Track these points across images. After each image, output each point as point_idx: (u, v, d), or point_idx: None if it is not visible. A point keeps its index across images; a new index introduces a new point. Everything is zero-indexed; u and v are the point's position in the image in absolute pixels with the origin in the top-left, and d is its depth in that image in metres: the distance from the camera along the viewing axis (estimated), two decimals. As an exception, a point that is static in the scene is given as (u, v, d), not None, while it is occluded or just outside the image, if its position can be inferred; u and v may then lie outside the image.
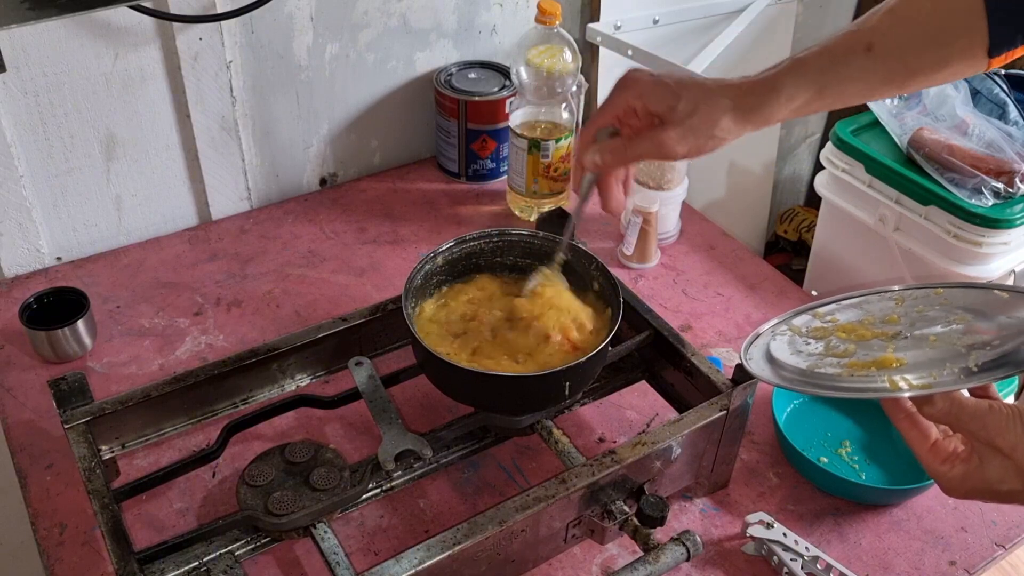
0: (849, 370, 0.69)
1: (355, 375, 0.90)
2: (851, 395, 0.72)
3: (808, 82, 0.76)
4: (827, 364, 0.71)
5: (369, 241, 1.25)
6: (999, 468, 0.62)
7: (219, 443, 0.86)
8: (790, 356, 0.74)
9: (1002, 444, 0.61)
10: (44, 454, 0.93)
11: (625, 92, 0.79)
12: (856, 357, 0.70)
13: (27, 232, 1.14)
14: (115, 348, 1.06)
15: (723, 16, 1.58)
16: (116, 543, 0.73)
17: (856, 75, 0.76)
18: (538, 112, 1.23)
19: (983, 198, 1.25)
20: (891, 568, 0.87)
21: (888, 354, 0.68)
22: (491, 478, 0.93)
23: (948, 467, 0.64)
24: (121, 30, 1.09)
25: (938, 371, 0.64)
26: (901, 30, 0.75)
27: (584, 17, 1.46)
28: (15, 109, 1.07)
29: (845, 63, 0.75)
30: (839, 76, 0.76)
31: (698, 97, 0.77)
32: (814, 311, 0.79)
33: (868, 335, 0.73)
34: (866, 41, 0.75)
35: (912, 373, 0.65)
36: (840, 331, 0.75)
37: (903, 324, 0.73)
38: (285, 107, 1.26)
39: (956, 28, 0.73)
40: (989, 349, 0.64)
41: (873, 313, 0.76)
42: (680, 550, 0.78)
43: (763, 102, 0.77)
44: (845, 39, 0.76)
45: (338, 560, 0.75)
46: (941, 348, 0.67)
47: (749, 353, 0.76)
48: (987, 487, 0.63)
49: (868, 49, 0.75)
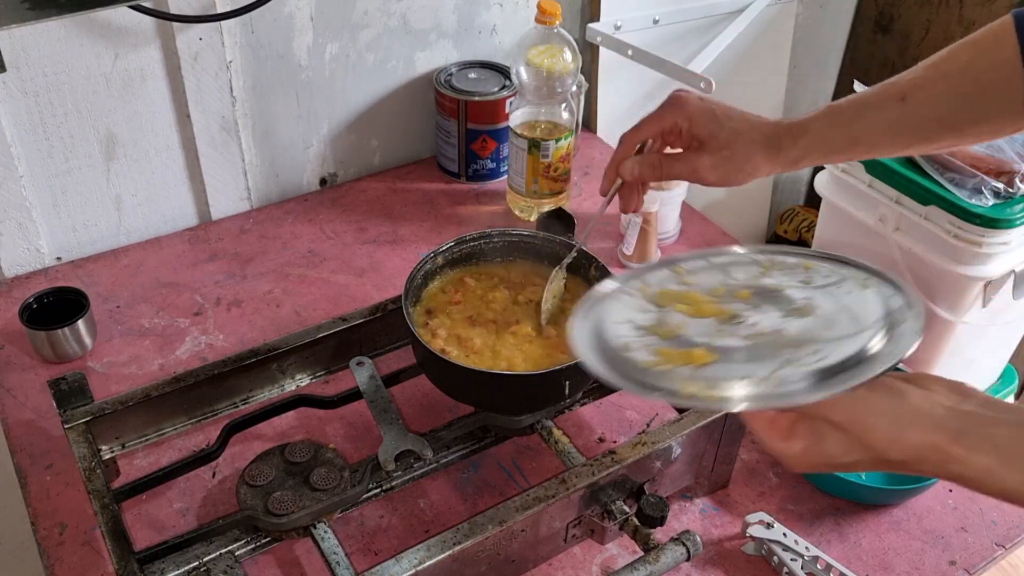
0: (659, 359, 0.63)
1: (356, 375, 0.90)
2: (647, 395, 0.63)
3: (840, 128, 0.76)
4: (642, 345, 0.65)
5: (369, 241, 1.25)
6: (838, 442, 0.60)
7: (219, 443, 0.86)
8: (618, 327, 0.67)
9: (837, 419, 0.59)
10: (44, 454, 0.93)
11: (674, 111, 0.82)
12: (673, 344, 0.64)
13: (27, 232, 1.14)
14: (115, 348, 1.06)
15: (723, 16, 1.58)
16: (116, 543, 0.73)
17: (888, 125, 0.75)
18: (538, 112, 1.23)
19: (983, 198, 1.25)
20: (891, 568, 0.87)
21: (699, 349, 0.62)
22: (491, 478, 0.93)
23: (787, 444, 0.61)
24: (121, 30, 1.09)
25: (745, 373, 0.60)
26: (936, 82, 0.74)
27: (584, 17, 1.46)
28: (15, 109, 1.07)
29: (878, 112, 0.75)
30: (871, 125, 0.75)
31: (739, 129, 0.78)
32: (676, 265, 0.73)
33: (708, 311, 0.68)
34: (901, 92, 0.75)
35: (716, 372, 0.61)
36: (682, 301, 0.69)
37: (749, 304, 0.67)
38: (285, 107, 1.26)
39: (992, 81, 0.72)
40: (814, 354, 0.60)
41: (730, 282, 0.70)
42: (680, 550, 0.78)
43: (795, 144, 0.77)
44: (880, 89, 0.77)
45: (338, 560, 0.75)
46: (760, 347, 0.62)
47: (586, 314, 0.69)
48: (830, 461, 0.61)
49: (902, 99, 0.74)
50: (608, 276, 0.85)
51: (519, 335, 0.88)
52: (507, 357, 0.86)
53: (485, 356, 0.86)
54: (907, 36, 1.84)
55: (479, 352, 0.86)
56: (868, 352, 0.59)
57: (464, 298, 0.92)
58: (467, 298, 0.92)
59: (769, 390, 0.59)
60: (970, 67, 0.73)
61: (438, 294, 0.93)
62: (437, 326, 0.88)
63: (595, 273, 0.92)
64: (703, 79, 1.28)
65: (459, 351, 0.86)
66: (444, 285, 0.94)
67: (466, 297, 0.92)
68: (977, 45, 0.73)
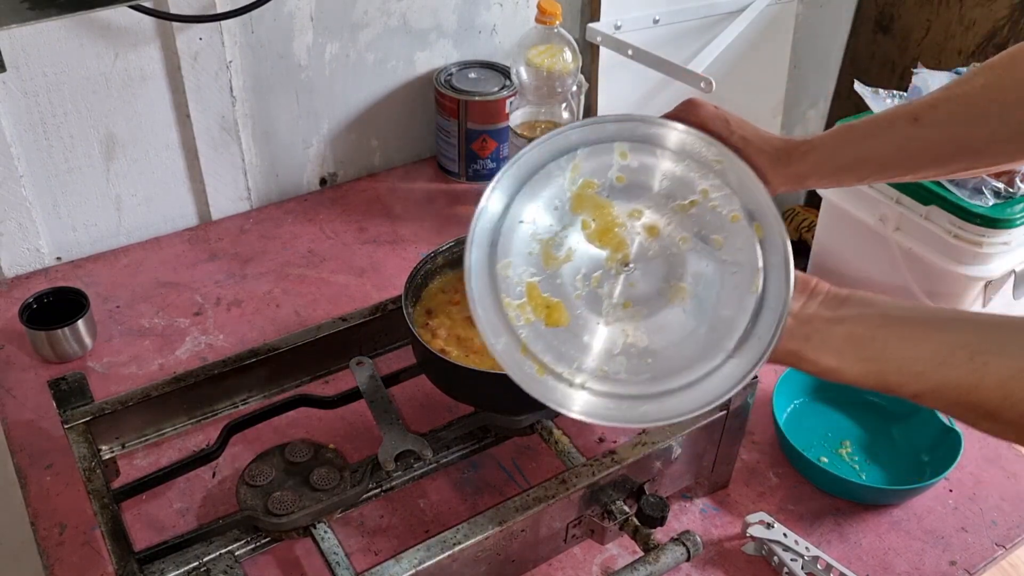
0: (523, 302, 0.71)
1: (356, 375, 0.90)
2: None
3: (850, 146, 0.75)
4: (522, 271, 0.72)
5: (369, 241, 1.25)
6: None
7: (219, 443, 0.86)
8: (520, 228, 0.72)
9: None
10: (44, 454, 0.93)
11: (687, 111, 0.82)
12: (546, 281, 0.71)
13: (27, 232, 1.14)
14: (115, 348, 1.06)
15: (723, 16, 1.58)
16: (116, 543, 0.73)
17: (900, 145, 0.74)
18: (538, 112, 1.23)
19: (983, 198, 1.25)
20: (891, 568, 0.87)
21: (559, 307, 0.71)
22: (491, 478, 0.93)
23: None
24: (121, 30, 1.09)
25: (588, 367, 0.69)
26: (950, 103, 0.74)
27: (584, 17, 1.46)
28: (15, 109, 1.07)
29: (890, 131, 0.74)
30: (882, 144, 0.74)
31: (749, 139, 0.78)
32: (622, 147, 0.74)
33: (607, 240, 0.73)
34: (914, 113, 0.74)
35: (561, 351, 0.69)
36: (594, 215, 0.73)
37: (645, 250, 0.72)
38: (285, 107, 1.26)
39: (1008, 101, 0.71)
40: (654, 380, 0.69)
41: (653, 204, 0.73)
42: (680, 550, 0.78)
43: (803, 159, 0.77)
44: (893, 110, 0.76)
45: (338, 560, 0.75)
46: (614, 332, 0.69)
47: (508, 185, 0.73)
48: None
49: (914, 120, 0.74)
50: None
51: None
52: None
53: (485, 356, 0.86)
54: (907, 36, 1.84)
55: (479, 352, 0.86)
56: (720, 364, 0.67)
57: (463, 298, 0.92)
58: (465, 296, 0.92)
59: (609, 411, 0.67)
60: (987, 88, 0.72)
61: (438, 294, 0.92)
62: (437, 326, 0.88)
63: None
64: (703, 79, 1.28)
65: (459, 351, 0.86)
66: (444, 285, 0.93)
67: (465, 297, 0.92)
68: (994, 68, 0.73)
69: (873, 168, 0.76)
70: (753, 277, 0.69)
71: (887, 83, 1.77)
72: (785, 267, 0.67)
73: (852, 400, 1.02)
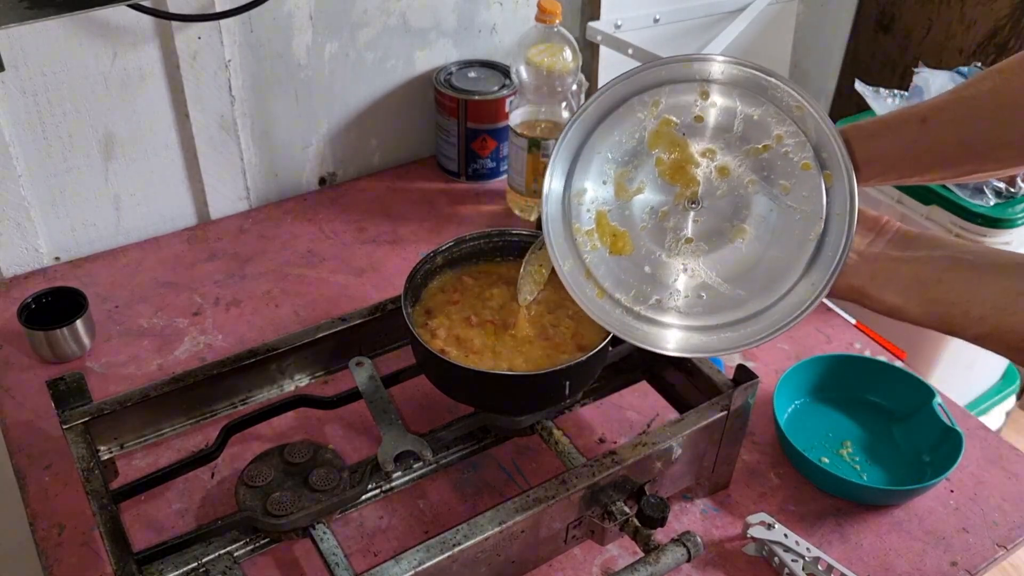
0: (592, 229, 0.76)
1: (356, 375, 0.89)
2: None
3: (856, 145, 0.75)
4: (593, 197, 0.76)
5: (368, 241, 1.24)
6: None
7: (218, 444, 0.86)
8: (596, 157, 0.76)
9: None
10: (42, 454, 0.93)
11: None
12: (615, 210, 0.76)
13: (25, 232, 1.14)
14: (114, 348, 1.06)
15: (724, 15, 1.58)
16: (115, 544, 0.73)
17: (907, 146, 0.74)
18: (538, 111, 1.23)
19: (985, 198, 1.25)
20: (892, 569, 0.86)
21: (623, 236, 0.76)
22: (491, 479, 0.92)
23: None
24: (120, 29, 1.08)
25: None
26: (958, 105, 0.74)
27: (584, 16, 1.46)
28: (13, 108, 1.07)
29: (897, 132, 0.74)
30: (890, 145, 0.74)
31: None
32: (706, 87, 0.75)
33: (679, 176, 0.76)
34: (922, 114, 0.74)
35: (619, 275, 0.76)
36: (669, 150, 0.76)
37: (716, 185, 0.75)
38: (284, 106, 1.26)
39: (1017, 104, 0.71)
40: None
41: (732, 144, 0.75)
42: (681, 551, 0.78)
43: None
44: (901, 111, 0.76)
45: (337, 561, 0.75)
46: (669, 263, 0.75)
47: (591, 115, 0.76)
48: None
49: (922, 121, 0.74)
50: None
51: (519, 336, 0.87)
52: (507, 357, 0.85)
53: (485, 356, 0.85)
54: (908, 35, 1.83)
55: (479, 352, 0.86)
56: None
57: (462, 297, 0.91)
58: (465, 297, 0.91)
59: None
60: (995, 92, 0.72)
61: (438, 294, 0.92)
62: (437, 326, 0.88)
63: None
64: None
65: (459, 351, 0.86)
66: (444, 285, 0.93)
67: (464, 296, 0.91)
68: (1002, 72, 0.72)
69: (879, 168, 0.76)
70: (815, 223, 0.71)
71: (888, 82, 1.77)
72: (850, 216, 0.69)
73: (853, 400, 1.02)
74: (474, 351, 0.86)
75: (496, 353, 0.86)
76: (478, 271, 0.95)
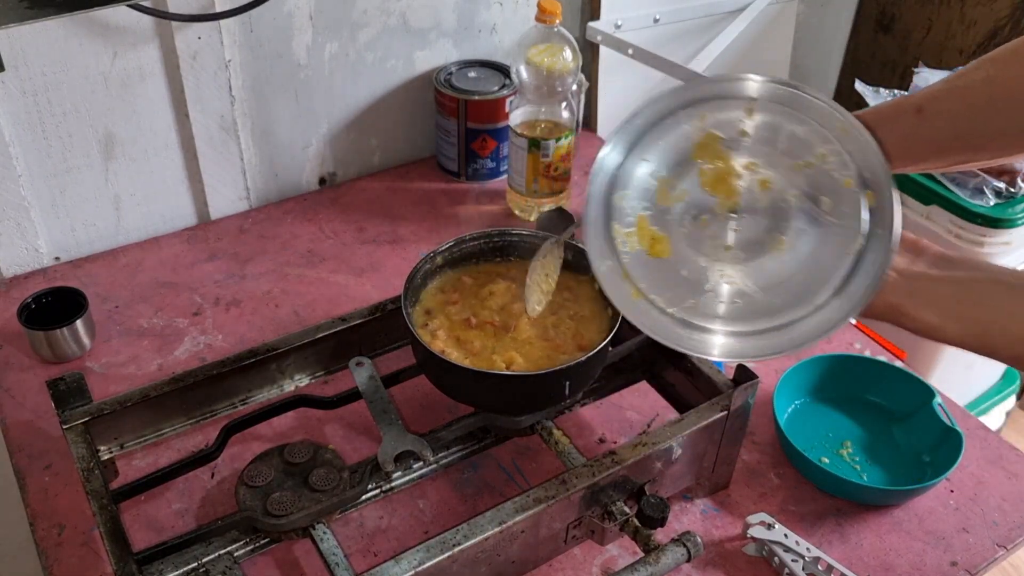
0: (631, 231, 0.77)
1: (356, 375, 0.89)
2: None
3: None
4: (636, 203, 0.77)
5: (368, 241, 1.24)
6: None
7: (218, 444, 0.86)
8: (640, 164, 0.78)
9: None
10: (42, 454, 0.93)
11: None
12: (654, 215, 0.78)
13: (25, 232, 1.14)
14: (114, 348, 1.06)
15: (724, 15, 1.58)
16: (115, 544, 0.73)
17: (903, 137, 0.74)
18: (538, 111, 1.23)
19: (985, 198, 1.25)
20: (892, 569, 0.86)
21: (662, 238, 0.78)
22: (491, 479, 0.92)
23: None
24: (120, 29, 1.08)
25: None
26: (953, 95, 0.74)
27: (584, 16, 1.46)
28: (13, 108, 1.07)
29: (893, 123, 0.75)
30: (885, 136, 0.74)
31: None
32: (752, 104, 0.77)
33: (721, 189, 0.77)
34: (917, 104, 0.75)
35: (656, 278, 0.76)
36: (714, 162, 0.77)
37: (757, 200, 0.76)
38: (284, 106, 1.26)
39: (1010, 95, 0.71)
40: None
41: (773, 160, 0.76)
42: (681, 551, 0.78)
43: None
44: (897, 101, 0.76)
45: (337, 561, 0.75)
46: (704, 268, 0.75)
47: (637, 123, 0.78)
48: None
49: (918, 111, 0.74)
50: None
51: (519, 336, 0.87)
52: (507, 358, 0.85)
53: (485, 357, 0.85)
54: (908, 35, 1.83)
55: (479, 353, 0.86)
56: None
57: (462, 297, 0.91)
58: (465, 297, 0.91)
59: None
60: (989, 82, 0.72)
61: (437, 294, 0.92)
62: (437, 327, 0.88)
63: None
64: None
65: (459, 352, 0.86)
66: (443, 285, 0.93)
67: (464, 296, 0.92)
68: (996, 62, 0.72)
69: None
70: (855, 239, 0.72)
71: (888, 82, 1.77)
72: (890, 235, 0.70)
73: (853, 400, 1.02)
74: (474, 352, 0.86)
75: (496, 353, 0.86)
76: (478, 271, 0.95)
